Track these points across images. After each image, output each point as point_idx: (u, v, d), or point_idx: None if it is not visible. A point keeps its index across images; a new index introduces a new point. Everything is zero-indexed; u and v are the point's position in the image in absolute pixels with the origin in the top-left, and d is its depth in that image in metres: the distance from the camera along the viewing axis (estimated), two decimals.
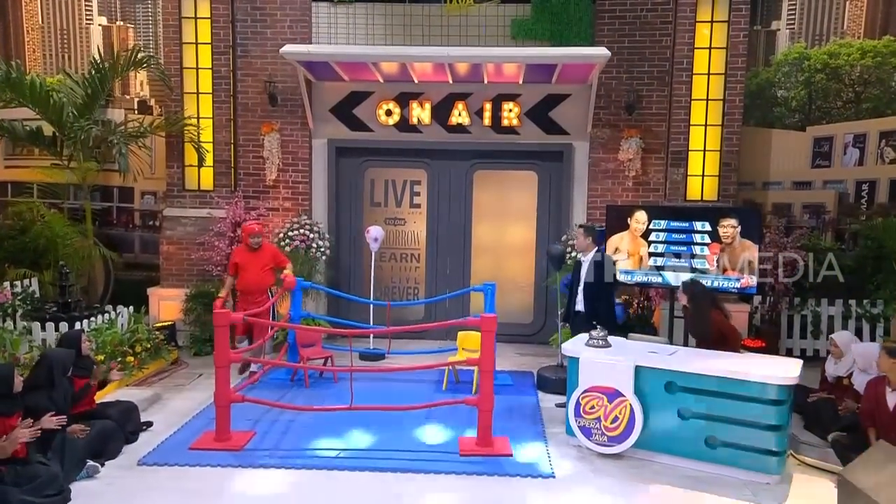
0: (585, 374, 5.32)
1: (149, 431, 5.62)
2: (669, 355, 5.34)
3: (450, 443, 5.55)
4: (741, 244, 6.97)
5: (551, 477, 4.94)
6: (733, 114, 9.06)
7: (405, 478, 4.87)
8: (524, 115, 9.47)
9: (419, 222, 10.00)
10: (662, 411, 5.13)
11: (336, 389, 7.10)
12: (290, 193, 9.62)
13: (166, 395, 6.65)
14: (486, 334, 5.31)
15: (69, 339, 5.29)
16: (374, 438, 5.57)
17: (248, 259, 7.25)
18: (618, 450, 5.25)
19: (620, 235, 7.58)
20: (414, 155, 9.78)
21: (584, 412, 5.34)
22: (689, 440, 5.07)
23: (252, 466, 4.97)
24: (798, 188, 9.87)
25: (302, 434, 5.66)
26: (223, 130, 9.50)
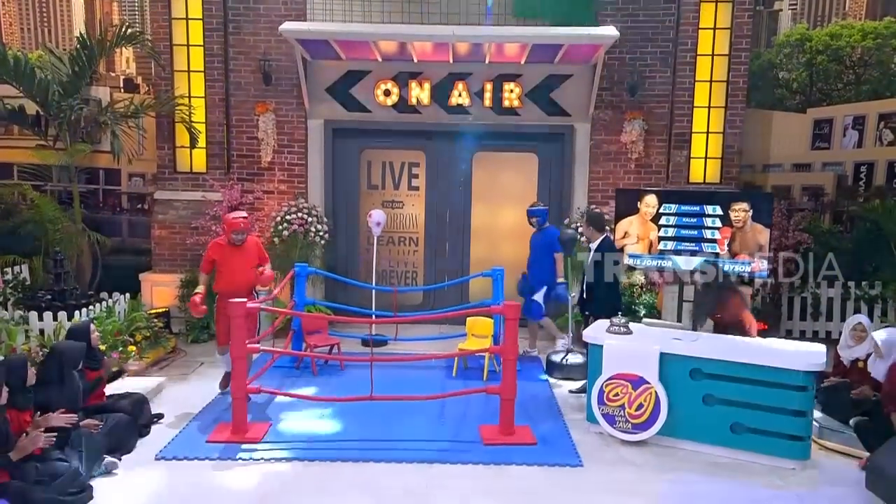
0: (609, 361, 5.33)
1: (159, 424, 5.50)
2: (693, 342, 5.36)
3: (470, 431, 5.53)
4: (752, 228, 6.99)
5: (580, 466, 4.94)
6: (737, 95, 9.09)
7: (430, 468, 4.84)
8: (525, 95, 9.38)
9: (417, 205, 9.90)
10: (687, 398, 5.16)
11: (345, 377, 7.03)
12: (286, 176, 9.44)
13: (170, 386, 6.53)
14: (510, 322, 5.28)
15: (78, 331, 5.13)
16: (393, 428, 5.53)
17: (229, 256, 6.17)
18: (642, 437, 5.27)
19: (630, 219, 7.56)
20: (412, 136, 9.64)
21: (608, 400, 5.35)
22: (713, 427, 5.11)
23: (274, 460, 4.89)
24: (798, 170, 9.96)
25: (319, 425, 5.59)
26: (216, 110, 9.28)
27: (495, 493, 4.50)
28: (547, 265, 7.71)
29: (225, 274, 6.17)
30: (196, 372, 7.15)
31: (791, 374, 4.83)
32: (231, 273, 6.16)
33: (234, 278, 6.16)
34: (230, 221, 6.19)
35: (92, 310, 6.87)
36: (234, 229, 6.16)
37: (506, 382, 5.33)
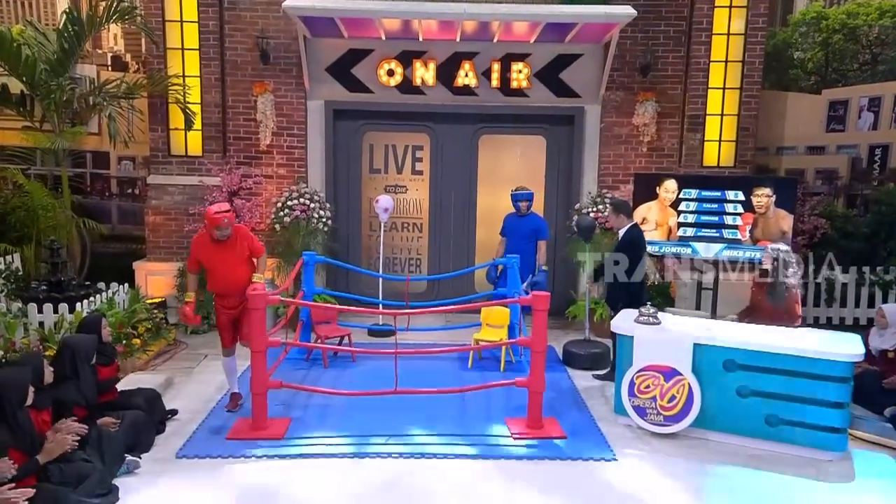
0: (640, 352, 5.36)
1: (173, 420, 5.45)
2: (726, 332, 5.40)
3: (495, 425, 5.55)
4: (775, 214, 7.06)
5: (613, 460, 4.98)
6: (752, 76, 9.10)
7: (461, 464, 4.85)
8: (534, 76, 9.33)
9: (422, 190, 9.85)
10: (720, 389, 5.22)
11: (357, 369, 7.02)
12: (285, 159, 9.34)
13: (178, 380, 6.48)
14: (538, 313, 5.28)
15: (89, 325, 5.06)
16: (416, 422, 5.53)
17: (215, 253, 5.61)
18: (674, 429, 5.32)
19: (648, 205, 7.60)
20: (416, 118, 9.56)
21: (639, 391, 5.39)
22: (747, 418, 5.17)
23: (300, 456, 4.88)
24: (811, 153, 10.03)
25: (340, 420, 5.58)
26: (212, 90, 9.13)
27: (534, 488, 4.52)
28: (531, 252, 7.70)
29: (215, 273, 5.62)
30: (202, 365, 7.10)
31: (830, 364, 4.89)
32: (221, 271, 5.61)
33: (226, 276, 5.61)
34: (211, 217, 5.48)
35: (92, 301, 6.77)
36: (217, 225, 5.48)
37: (534, 375, 5.35)
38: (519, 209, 7.84)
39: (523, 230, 7.83)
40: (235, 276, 5.62)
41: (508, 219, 8.02)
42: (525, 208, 7.81)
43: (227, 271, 5.60)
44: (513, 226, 7.92)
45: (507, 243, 7.96)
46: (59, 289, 6.79)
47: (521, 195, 7.81)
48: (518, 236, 7.85)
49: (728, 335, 5.31)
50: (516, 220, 7.89)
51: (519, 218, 7.85)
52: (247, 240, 5.77)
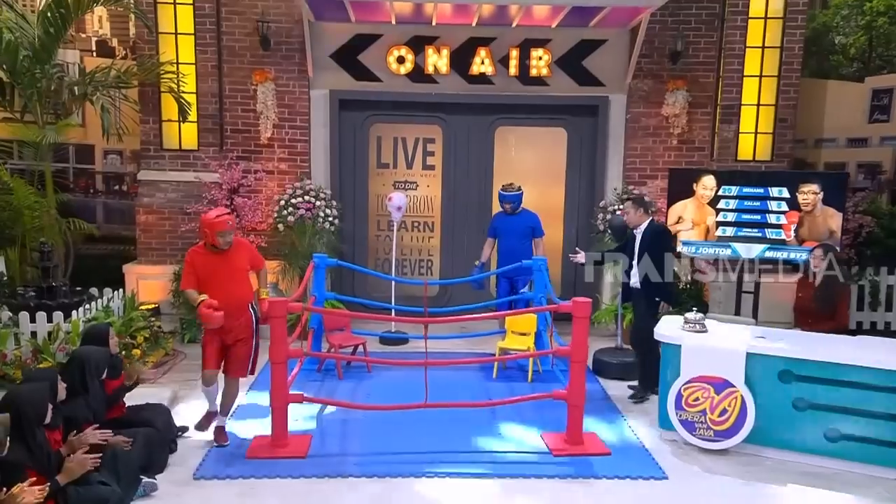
0: (689, 362, 5.37)
1: (184, 438, 5.44)
2: (780, 340, 5.43)
3: (532, 440, 5.56)
4: (823, 212, 7.09)
5: (664, 478, 5.00)
6: (791, 63, 9.13)
7: (502, 483, 4.85)
8: (554, 63, 9.34)
9: (433, 186, 9.85)
10: (775, 402, 5.23)
11: (374, 380, 7.03)
12: (287, 153, 9.33)
13: (182, 394, 6.45)
14: (579, 320, 5.29)
15: (97, 336, 5.03)
16: (447, 438, 5.53)
17: (214, 266, 5.22)
18: (725, 445, 5.34)
19: (684, 203, 7.63)
20: (428, 109, 9.56)
21: (687, 404, 5.41)
22: (805, 433, 5.19)
23: (327, 476, 4.87)
24: (853, 146, 10.08)
25: (363, 436, 5.57)
26: (208, 79, 9.11)
27: None
28: (527, 252, 7.73)
29: (213, 289, 5.16)
30: None
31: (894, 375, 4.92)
32: (220, 287, 5.19)
33: (226, 292, 5.19)
34: (212, 222, 5.14)
35: (88, 308, 6.74)
36: (220, 230, 5.15)
37: (574, 387, 5.36)
38: (505, 208, 7.87)
39: (518, 229, 7.86)
40: (236, 293, 5.27)
41: (499, 218, 8.02)
42: (511, 209, 7.81)
43: (226, 287, 5.21)
44: (505, 225, 7.93)
45: (499, 244, 7.98)
46: (51, 295, 6.76)
47: (509, 196, 7.79)
48: (512, 235, 7.85)
49: (784, 344, 5.33)
50: (508, 219, 7.90)
51: (510, 216, 7.87)
52: (247, 251, 5.48)
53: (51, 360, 6.05)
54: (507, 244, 7.89)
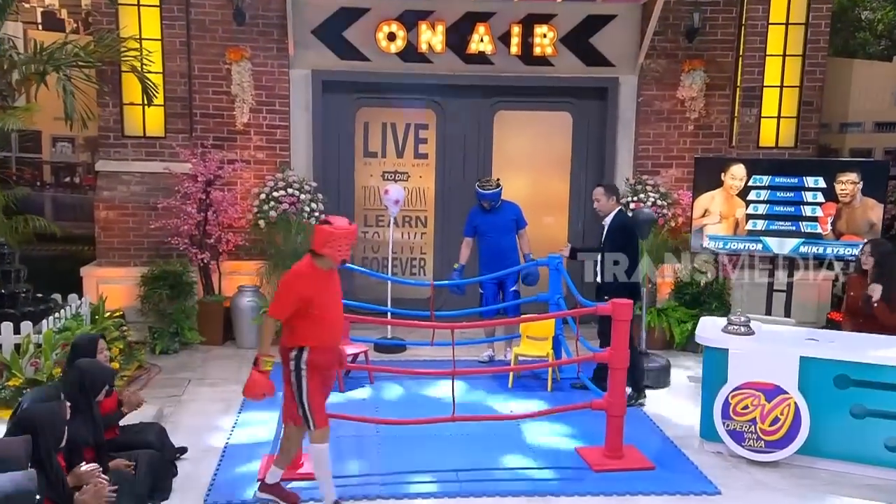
0: (737, 367, 5.51)
1: (183, 460, 5.42)
2: (832, 343, 5.60)
3: (568, 456, 5.65)
4: (862, 203, 7.31)
5: (717, 493, 5.13)
6: (817, 41, 9.34)
7: (544, 502, 4.93)
8: (559, 41, 9.44)
9: (426, 177, 9.90)
10: (830, 410, 5.39)
11: (379, 392, 7.06)
12: (265, 141, 9.29)
13: (168, 411, 6.41)
14: (619, 324, 5.39)
15: (85, 348, 4.97)
16: (473, 454, 5.59)
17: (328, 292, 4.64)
18: (777, 457, 5.49)
19: (711, 194, 7.80)
20: (421, 91, 9.60)
21: (735, 413, 5.55)
22: (864, 443, 5.36)
23: (353, 499, 4.90)
24: (880, 131, 10.37)
25: (383, 454, 5.62)
26: (176, 57, 9.01)
27: None
28: (513, 247, 7.91)
29: (330, 318, 4.64)
30: (189, 392, 7.05)
31: None
32: (334, 314, 4.71)
33: (338, 321, 4.78)
34: (350, 232, 4.59)
35: (58, 318, 6.64)
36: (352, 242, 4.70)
37: (614, 396, 5.46)
38: (482, 207, 7.95)
39: (501, 224, 7.95)
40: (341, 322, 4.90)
41: (477, 215, 8.05)
42: (489, 207, 7.90)
43: (338, 314, 4.79)
44: (486, 221, 7.98)
45: (480, 242, 8.04)
46: (12, 303, 6.65)
47: (488, 195, 7.86)
48: (496, 232, 7.94)
49: (838, 346, 5.50)
50: (490, 215, 7.96)
51: (490, 212, 7.94)
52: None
53: (20, 376, 5.96)
54: (491, 242, 7.95)
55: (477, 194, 7.94)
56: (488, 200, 7.82)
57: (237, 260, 8.99)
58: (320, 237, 4.52)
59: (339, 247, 4.54)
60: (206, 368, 7.85)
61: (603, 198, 6.82)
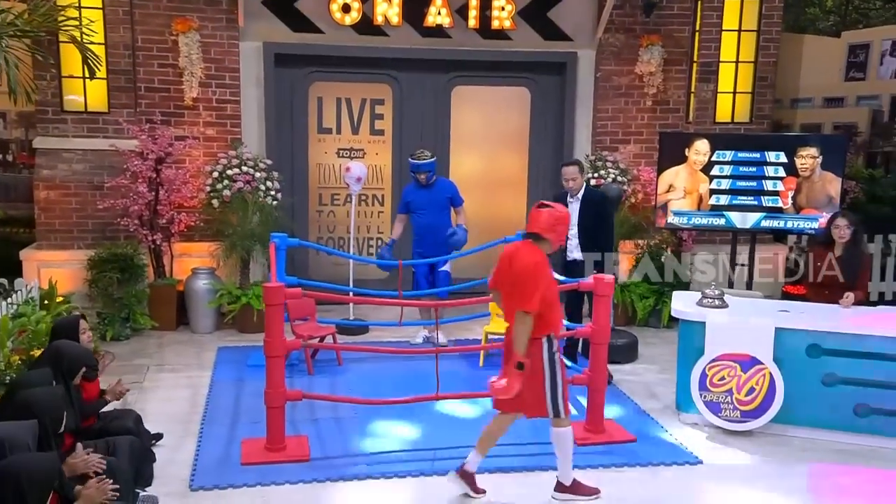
0: (714, 340, 5.79)
1: (159, 446, 5.44)
2: (803, 313, 5.93)
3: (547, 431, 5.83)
4: (822, 177, 7.69)
5: (699, 463, 5.41)
6: (772, 16, 9.74)
7: (531, 477, 5.15)
8: (518, 14, 9.59)
9: (382, 154, 9.97)
10: (803, 379, 5.73)
11: (350, 374, 7.17)
12: (215, 117, 9.21)
13: (133, 399, 6.38)
14: (601, 299, 5.61)
15: (66, 330, 4.93)
16: (455, 432, 5.75)
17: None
18: (753, 426, 5.80)
19: (675, 170, 8.08)
20: (377, 65, 9.64)
21: (712, 384, 5.84)
22: (834, 410, 5.72)
23: (342, 479, 5.01)
24: (829, 106, 10.87)
25: (365, 434, 5.74)
26: (119, 27, 8.85)
27: (630, 502, 4.87)
28: (448, 224, 8.06)
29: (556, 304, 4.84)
30: (150, 379, 7.02)
31: None
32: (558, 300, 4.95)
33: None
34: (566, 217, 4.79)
35: (12, 303, 6.51)
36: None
37: (595, 371, 5.68)
38: (418, 181, 8.03)
39: (438, 200, 8.06)
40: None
41: (412, 191, 8.11)
42: (426, 179, 8.00)
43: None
44: (422, 198, 8.04)
45: (414, 220, 8.10)
46: None
47: (424, 165, 7.93)
48: (432, 209, 8.04)
49: (810, 317, 5.83)
50: (424, 192, 8.04)
51: (424, 188, 8.04)
52: None
53: None
54: (425, 219, 8.02)
55: (411, 166, 7.96)
56: (424, 171, 7.87)
57: (189, 241, 8.91)
58: (547, 220, 4.61)
59: (563, 231, 4.72)
60: (163, 354, 7.81)
61: (578, 176, 6.95)
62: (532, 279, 4.52)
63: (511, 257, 4.69)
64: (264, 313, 7.97)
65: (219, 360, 7.51)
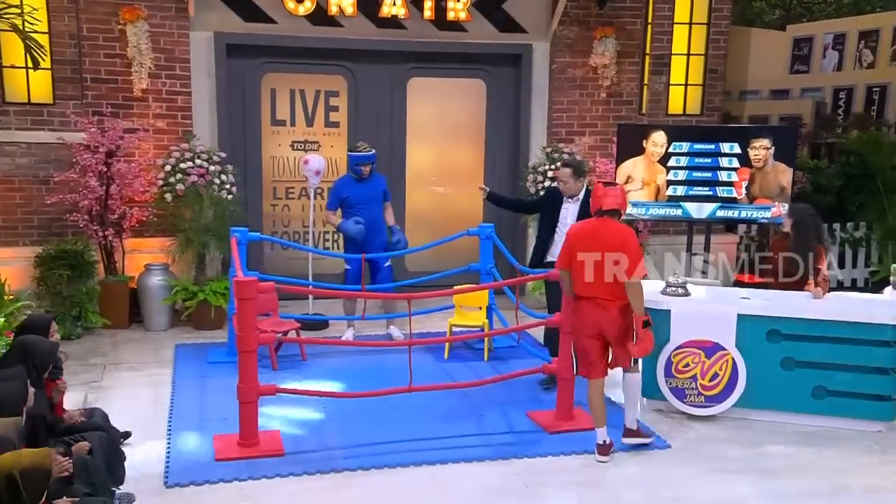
0: (679, 327, 6.04)
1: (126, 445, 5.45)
2: (766, 301, 6.22)
3: (521, 421, 6.06)
4: (774, 168, 8.03)
5: (668, 447, 5.65)
6: (721, 9, 10.08)
7: (509, 465, 5.33)
8: (473, 6, 9.73)
9: (337, 146, 10.02)
10: (764, 363, 6.02)
11: (314, 369, 7.25)
12: (165, 109, 9.14)
13: (93, 398, 6.37)
14: None
15: (38, 327, 4.92)
16: (429, 425, 5.90)
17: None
18: (716, 410, 6.08)
19: (633, 161, 8.33)
20: (331, 56, 9.69)
21: (677, 371, 6.09)
22: (793, 393, 6.02)
23: (319, 472, 5.11)
24: (776, 98, 11.29)
25: (338, 429, 5.85)
26: (64, 16, 8.72)
27: (602, 486, 5.09)
28: (381, 220, 8.19)
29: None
30: (107, 378, 6.99)
31: (878, 328, 5.83)
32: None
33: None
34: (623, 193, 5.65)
35: None
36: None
37: (564, 359, 5.88)
38: (360, 173, 8.03)
39: (375, 195, 8.10)
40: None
41: (348, 185, 8.07)
42: (369, 172, 8.07)
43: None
44: (359, 192, 8.01)
45: (352, 214, 8.01)
46: None
47: (369, 157, 7.99)
48: (371, 203, 8.06)
49: (770, 304, 6.12)
50: (361, 186, 8.04)
51: (363, 182, 8.06)
52: None
53: None
54: (364, 215, 7.98)
55: (354, 159, 7.97)
56: (368, 163, 7.93)
57: (140, 237, 8.86)
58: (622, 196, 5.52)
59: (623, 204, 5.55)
60: (119, 353, 7.78)
61: (570, 179, 6.70)
62: (636, 249, 5.32)
63: (599, 236, 5.37)
64: (222, 309, 8.30)
65: (178, 358, 7.51)
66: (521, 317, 7.14)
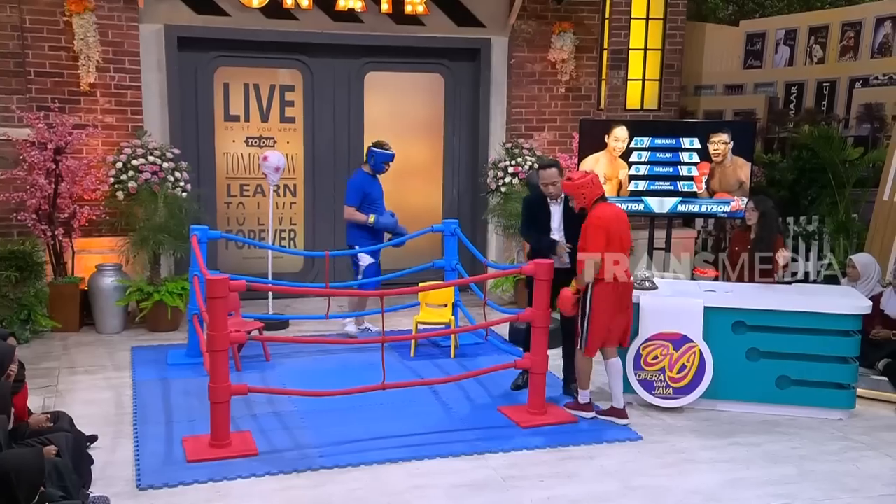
0: (647, 321, 6.25)
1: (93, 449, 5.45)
2: (729, 293, 6.47)
3: (493, 416, 6.20)
4: (733, 162, 8.32)
5: (639, 439, 5.86)
6: (677, 5, 10.37)
7: (485, 459, 5.47)
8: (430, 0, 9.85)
9: (294, 142, 10.06)
10: (729, 354, 6.27)
11: (279, 369, 7.30)
12: (114, 104, 9.10)
13: (52, 403, 6.34)
14: (541, 283, 5.96)
15: None
16: (401, 422, 6.02)
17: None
18: (684, 402, 6.31)
19: (596, 156, 8.56)
20: (286, 50, 9.73)
21: (646, 363, 6.30)
22: (758, 383, 6.29)
23: (295, 471, 5.18)
24: (730, 93, 11.65)
25: (311, 428, 5.92)
26: (6, 7, 8.60)
27: (579, 478, 5.24)
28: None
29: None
30: (64, 382, 6.95)
31: (839, 319, 6.12)
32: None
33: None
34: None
35: None
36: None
37: (536, 355, 6.04)
38: (384, 170, 8.26)
39: (381, 190, 8.36)
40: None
41: (370, 182, 8.21)
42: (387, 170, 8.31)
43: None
44: (377, 190, 8.26)
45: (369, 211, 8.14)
46: None
47: (392, 156, 8.20)
48: (381, 198, 8.32)
49: (735, 296, 6.37)
50: (377, 183, 8.29)
51: (376, 180, 8.30)
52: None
53: None
54: (379, 212, 8.21)
55: (382, 157, 8.10)
56: (381, 161, 8.11)
57: (90, 237, 8.79)
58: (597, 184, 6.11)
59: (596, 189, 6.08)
60: (72, 356, 7.72)
61: (559, 178, 6.39)
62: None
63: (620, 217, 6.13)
64: (178, 310, 8.29)
65: (136, 361, 7.49)
66: (489, 312, 7.28)
